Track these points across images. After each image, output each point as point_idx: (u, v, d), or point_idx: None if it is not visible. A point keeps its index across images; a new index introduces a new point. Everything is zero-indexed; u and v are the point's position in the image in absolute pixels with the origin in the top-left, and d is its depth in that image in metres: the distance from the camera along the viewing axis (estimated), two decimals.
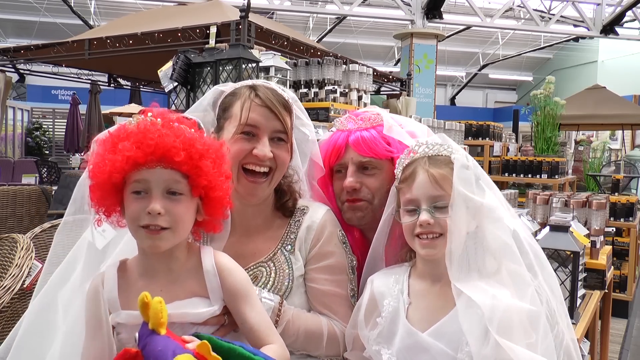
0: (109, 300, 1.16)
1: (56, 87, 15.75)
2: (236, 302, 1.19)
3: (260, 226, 1.48)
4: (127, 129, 1.12)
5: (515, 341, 1.16)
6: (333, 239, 1.48)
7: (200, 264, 1.19)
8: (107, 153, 1.10)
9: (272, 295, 1.38)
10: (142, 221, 1.10)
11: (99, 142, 1.14)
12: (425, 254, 1.29)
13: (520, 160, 5.78)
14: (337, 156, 1.61)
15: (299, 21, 15.88)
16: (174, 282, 1.17)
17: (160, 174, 1.10)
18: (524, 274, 1.26)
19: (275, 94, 1.43)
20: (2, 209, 4.34)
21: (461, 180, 1.24)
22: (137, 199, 1.11)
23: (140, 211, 1.10)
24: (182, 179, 1.12)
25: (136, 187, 1.11)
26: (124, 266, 1.22)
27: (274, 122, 1.40)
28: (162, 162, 1.10)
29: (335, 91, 3.30)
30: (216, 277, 1.18)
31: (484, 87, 21.59)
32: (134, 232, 1.14)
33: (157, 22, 5.14)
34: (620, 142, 13.69)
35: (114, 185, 1.11)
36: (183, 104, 2.75)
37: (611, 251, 3.02)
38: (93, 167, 1.12)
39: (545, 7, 12.24)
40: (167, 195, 1.11)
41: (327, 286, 1.45)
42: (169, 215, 1.10)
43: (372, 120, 1.62)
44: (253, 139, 1.39)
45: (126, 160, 1.08)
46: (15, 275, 1.83)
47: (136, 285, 1.17)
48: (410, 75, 8.16)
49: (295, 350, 1.39)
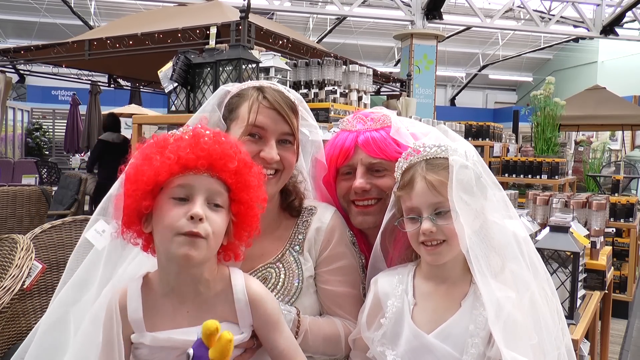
0: (134, 321, 1.12)
1: (56, 88, 15.76)
2: (267, 330, 1.18)
3: (268, 227, 1.47)
4: (177, 135, 1.10)
5: (519, 343, 1.16)
6: (343, 241, 1.49)
7: (229, 288, 1.16)
8: (156, 154, 1.06)
9: (289, 307, 1.37)
10: (181, 226, 1.04)
11: (142, 148, 1.11)
12: (431, 260, 1.28)
13: (520, 161, 5.78)
14: (346, 157, 1.58)
15: (299, 22, 15.88)
16: (202, 305, 1.13)
17: (206, 181, 1.08)
18: (525, 274, 1.26)
19: (283, 96, 1.42)
20: (2, 210, 4.34)
21: (459, 184, 1.23)
22: (177, 204, 1.07)
23: (180, 216, 1.05)
24: (225, 191, 1.11)
25: (178, 193, 1.07)
26: (147, 283, 1.16)
27: (282, 124, 1.39)
28: (210, 169, 1.08)
29: (335, 92, 3.29)
30: (247, 306, 1.15)
31: (484, 87, 21.59)
32: (167, 241, 1.07)
33: (157, 23, 5.13)
34: (620, 143, 13.69)
35: (155, 187, 1.06)
36: (183, 104, 2.75)
37: (611, 252, 3.01)
38: (134, 168, 1.07)
39: (545, 8, 12.25)
40: (208, 206, 1.08)
41: (341, 287, 1.45)
42: (209, 224, 1.07)
43: (381, 121, 1.60)
44: (260, 141, 1.38)
45: (177, 160, 1.05)
46: (15, 276, 1.83)
47: (163, 307, 1.13)
48: (410, 75, 8.16)
49: (315, 355, 1.40)
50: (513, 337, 1.16)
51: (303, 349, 1.27)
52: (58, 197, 5.73)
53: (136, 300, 1.12)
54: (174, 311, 1.11)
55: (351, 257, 1.49)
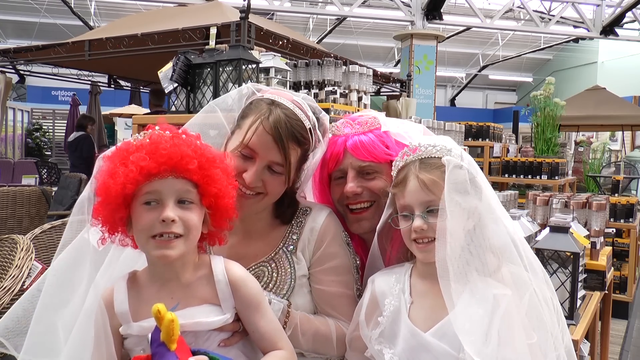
0: (120, 314, 1.16)
1: (56, 88, 15.76)
2: (248, 311, 1.21)
3: (261, 230, 1.48)
4: (138, 142, 1.13)
5: (517, 341, 1.16)
6: (337, 241, 1.48)
7: (211, 273, 1.20)
8: (119, 166, 1.10)
9: (281, 299, 1.38)
10: (155, 230, 1.10)
11: (107, 157, 1.15)
12: (423, 258, 1.30)
13: (520, 161, 5.78)
14: (336, 162, 1.59)
15: (299, 22, 15.89)
16: (185, 289, 1.18)
17: (172, 183, 1.12)
18: (523, 274, 1.26)
19: (289, 123, 1.35)
20: (2, 210, 4.34)
21: (453, 182, 1.24)
22: (148, 210, 1.11)
23: (153, 221, 1.10)
24: (193, 188, 1.14)
25: (147, 198, 1.11)
26: (133, 278, 1.22)
27: (274, 153, 1.35)
28: (174, 172, 1.12)
29: (335, 92, 3.29)
30: (228, 287, 1.19)
31: (484, 88, 21.60)
32: (144, 243, 1.14)
33: (157, 23, 5.13)
34: (620, 143, 13.69)
35: (125, 199, 1.11)
36: (183, 105, 2.75)
37: (611, 252, 3.02)
38: (102, 182, 1.11)
39: (545, 8, 12.25)
40: (179, 205, 1.13)
41: (334, 287, 1.45)
42: (182, 223, 1.12)
43: (369, 124, 1.60)
44: (248, 161, 1.36)
45: (139, 171, 1.09)
46: (15, 276, 1.83)
47: (146, 293, 1.18)
48: (410, 76, 8.16)
49: (306, 352, 1.40)
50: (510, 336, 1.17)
51: (292, 344, 1.27)
52: (58, 197, 5.72)
53: (122, 294, 1.18)
54: (157, 296, 1.16)
55: (345, 257, 1.48)
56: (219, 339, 1.18)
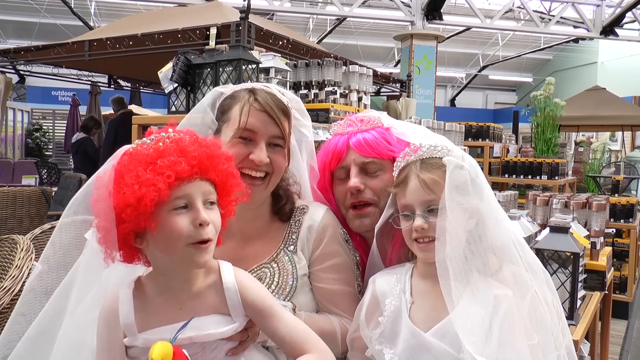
0: (125, 326, 1.12)
1: (56, 88, 15.75)
2: (261, 318, 1.18)
3: (259, 230, 1.49)
4: (158, 147, 1.09)
5: (517, 342, 1.16)
6: (336, 238, 1.49)
7: (219, 280, 1.17)
8: (147, 172, 1.04)
9: (286, 302, 1.38)
10: (194, 237, 1.07)
11: (121, 166, 1.08)
12: (423, 257, 1.31)
13: (520, 162, 5.78)
14: (338, 159, 1.60)
15: (299, 22, 15.89)
16: (194, 298, 1.15)
17: (200, 185, 1.10)
18: (524, 274, 1.26)
19: (275, 99, 1.42)
20: (2, 210, 4.34)
21: (453, 182, 1.24)
22: (180, 215, 1.07)
23: (187, 225, 1.07)
24: (214, 189, 1.14)
25: (178, 203, 1.08)
26: (139, 286, 1.18)
27: (272, 127, 1.40)
28: (202, 174, 1.10)
29: (335, 92, 3.30)
30: (237, 295, 1.16)
31: (484, 88, 21.59)
32: (179, 251, 1.08)
33: (157, 24, 5.13)
34: (620, 144, 13.70)
35: (157, 206, 1.05)
36: (183, 105, 2.75)
37: (611, 252, 3.02)
38: (127, 192, 1.03)
39: (545, 9, 12.26)
40: (205, 206, 1.11)
41: (335, 285, 1.46)
42: (213, 226, 1.10)
43: (371, 122, 1.62)
44: (250, 144, 1.39)
45: (176, 176, 1.05)
46: (15, 277, 1.83)
47: (153, 304, 1.14)
48: (410, 76, 8.17)
49: None
50: (511, 337, 1.17)
51: None
52: (58, 197, 5.72)
53: (128, 305, 1.13)
54: (166, 306, 1.13)
55: (344, 254, 1.49)
56: (226, 348, 1.16)
